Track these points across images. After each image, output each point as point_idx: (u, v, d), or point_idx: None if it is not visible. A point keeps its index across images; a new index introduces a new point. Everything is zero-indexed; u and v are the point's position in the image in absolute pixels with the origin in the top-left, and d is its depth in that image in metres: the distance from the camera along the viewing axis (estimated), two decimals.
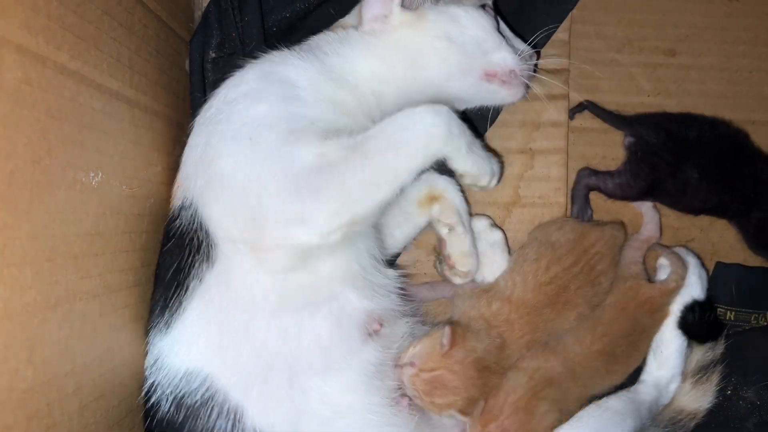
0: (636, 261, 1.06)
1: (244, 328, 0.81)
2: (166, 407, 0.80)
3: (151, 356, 0.83)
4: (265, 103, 0.85)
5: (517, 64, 0.98)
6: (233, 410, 0.79)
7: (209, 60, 1.06)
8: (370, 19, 0.96)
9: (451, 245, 1.02)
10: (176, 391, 0.79)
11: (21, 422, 0.57)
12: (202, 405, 0.79)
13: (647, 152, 1.10)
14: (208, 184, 0.83)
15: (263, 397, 0.80)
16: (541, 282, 0.99)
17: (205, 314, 0.81)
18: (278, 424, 0.80)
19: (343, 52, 0.95)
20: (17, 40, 0.57)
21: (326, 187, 0.78)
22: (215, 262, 0.81)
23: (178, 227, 0.84)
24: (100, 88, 0.73)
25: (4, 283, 0.55)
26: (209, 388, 0.79)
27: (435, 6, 0.96)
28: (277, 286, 0.82)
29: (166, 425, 0.80)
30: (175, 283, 0.82)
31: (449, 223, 1.01)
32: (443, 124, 0.85)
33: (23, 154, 0.58)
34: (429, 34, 0.94)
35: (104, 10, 0.74)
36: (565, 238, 1.03)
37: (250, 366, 0.80)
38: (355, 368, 0.86)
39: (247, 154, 0.81)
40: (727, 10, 1.20)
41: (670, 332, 1.03)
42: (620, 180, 1.12)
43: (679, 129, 1.10)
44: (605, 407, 0.95)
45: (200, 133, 0.88)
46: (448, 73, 0.96)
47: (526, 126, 1.19)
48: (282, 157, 0.80)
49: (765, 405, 1.03)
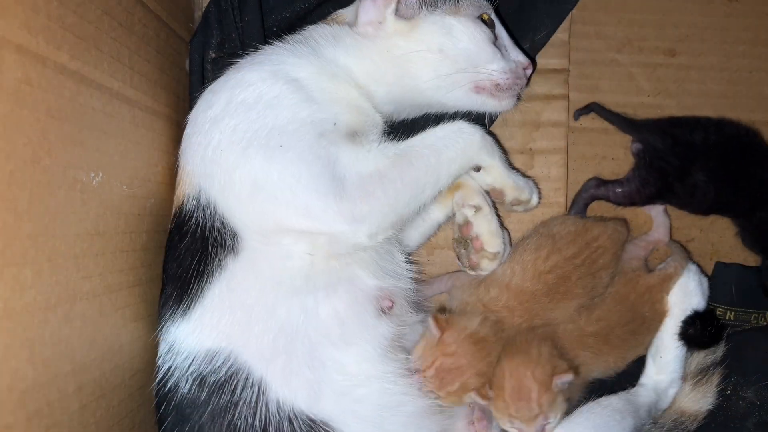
0: (638, 257, 1.07)
1: (268, 308, 0.84)
2: (186, 388, 0.83)
3: (164, 344, 0.86)
4: (285, 110, 0.86)
5: (508, 79, 0.98)
6: (257, 383, 0.82)
7: (209, 60, 1.06)
8: (365, 23, 0.96)
9: (478, 225, 1.02)
10: (198, 371, 0.82)
11: (21, 422, 0.57)
12: (226, 381, 0.82)
13: (655, 158, 1.10)
14: (232, 187, 0.85)
15: (285, 370, 0.83)
16: (540, 271, 0.99)
17: (228, 298, 0.84)
18: (299, 395, 0.83)
19: (336, 49, 0.95)
20: (17, 40, 0.57)
21: (376, 193, 0.85)
22: (240, 252, 0.85)
23: (194, 224, 0.86)
24: (100, 88, 0.73)
25: (4, 283, 0.55)
26: (233, 364, 0.82)
27: (430, 15, 0.96)
28: (303, 272, 0.86)
29: (186, 405, 0.83)
30: (194, 274, 0.85)
31: (475, 204, 1.02)
32: (478, 132, 0.96)
33: (23, 154, 0.58)
34: (421, 45, 0.95)
35: (104, 10, 0.74)
36: (567, 230, 1.04)
37: (274, 342, 0.84)
38: (369, 341, 0.89)
39: (281, 161, 0.84)
40: (727, 10, 1.20)
41: (669, 338, 1.03)
42: (629, 187, 1.12)
43: (684, 133, 1.10)
44: (605, 405, 0.96)
45: (208, 133, 0.87)
46: (437, 83, 0.96)
47: (526, 126, 1.19)
48: (320, 162, 0.84)
49: (764, 405, 1.03)
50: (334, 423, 0.84)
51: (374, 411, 0.87)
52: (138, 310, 0.84)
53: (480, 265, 1.03)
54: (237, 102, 0.87)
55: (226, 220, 0.86)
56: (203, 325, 0.84)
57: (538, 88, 1.19)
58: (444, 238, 1.19)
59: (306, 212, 0.84)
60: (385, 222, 0.87)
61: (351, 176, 0.85)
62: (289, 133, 0.85)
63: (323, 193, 0.83)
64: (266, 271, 0.85)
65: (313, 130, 0.86)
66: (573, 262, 1.00)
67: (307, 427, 0.82)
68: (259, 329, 0.84)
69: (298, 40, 0.96)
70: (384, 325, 0.92)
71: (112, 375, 0.76)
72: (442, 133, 0.94)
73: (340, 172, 0.85)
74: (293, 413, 0.82)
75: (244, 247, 0.85)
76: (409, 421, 0.89)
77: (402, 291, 0.96)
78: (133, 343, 0.83)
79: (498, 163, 1.00)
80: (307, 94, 0.89)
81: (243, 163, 0.84)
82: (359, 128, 0.92)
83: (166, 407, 0.84)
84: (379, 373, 0.89)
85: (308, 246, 0.86)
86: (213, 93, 0.91)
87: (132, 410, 0.82)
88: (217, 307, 0.84)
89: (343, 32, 0.97)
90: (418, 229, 1.09)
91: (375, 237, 0.87)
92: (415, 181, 0.89)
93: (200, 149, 0.88)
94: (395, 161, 0.89)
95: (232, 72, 0.92)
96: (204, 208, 0.86)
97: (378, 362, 0.89)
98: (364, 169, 0.86)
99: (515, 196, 1.03)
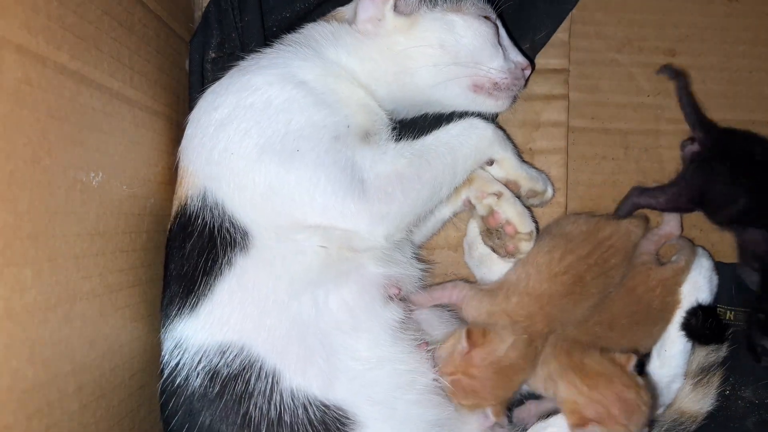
0: (649, 252, 1.06)
1: (280, 302, 0.85)
2: (198, 382, 0.83)
3: (170, 341, 0.86)
4: (298, 114, 0.87)
5: (507, 78, 0.98)
6: (270, 374, 0.83)
7: (209, 60, 1.06)
8: (364, 20, 0.96)
9: (505, 211, 1.02)
10: (210, 365, 0.83)
11: (21, 422, 0.57)
12: (239, 373, 0.83)
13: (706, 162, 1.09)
14: (244, 189, 0.86)
15: (299, 360, 0.85)
16: (555, 272, 0.98)
17: (238, 293, 0.85)
18: (313, 382, 0.84)
19: (337, 49, 0.96)
20: (17, 40, 0.57)
21: (395, 195, 0.87)
22: (251, 249, 0.86)
23: (201, 223, 0.87)
24: (100, 88, 0.73)
25: (4, 283, 0.55)
26: (245, 357, 0.83)
27: (430, 12, 0.96)
28: (315, 266, 0.88)
29: (197, 399, 0.83)
30: (201, 272, 0.85)
31: (495, 191, 1.02)
32: (490, 127, 0.98)
33: (23, 154, 0.58)
34: (421, 41, 0.95)
35: (104, 10, 0.74)
36: (579, 230, 1.03)
37: (286, 334, 0.85)
38: (380, 326, 0.91)
39: (299, 166, 0.85)
40: (727, 10, 1.20)
41: (675, 332, 1.03)
42: (673, 190, 1.11)
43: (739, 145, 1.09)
44: None
45: (214, 136, 0.87)
46: (435, 80, 0.96)
47: (526, 126, 1.19)
48: (338, 165, 0.85)
49: (763, 404, 1.03)
50: (348, 407, 0.85)
51: (387, 392, 0.88)
52: (138, 310, 0.84)
53: (519, 248, 1.02)
54: (245, 106, 0.87)
55: (236, 220, 0.86)
56: (213, 320, 0.85)
57: (538, 88, 1.19)
58: (444, 238, 1.19)
59: (324, 215, 0.85)
60: (402, 223, 0.89)
61: (369, 178, 0.87)
62: (304, 138, 0.86)
63: (341, 196, 0.85)
64: (279, 266, 0.86)
65: (328, 134, 0.87)
66: (586, 261, 0.99)
67: (321, 413, 0.83)
68: (271, 322, 0.85)
69: (299, 41, 0.96)
70: (392, 311, 0.93)
71: (112, 375, 0.76)
72: (456, 131, 0.96)
73: (358, 174, 0.86)
74: (308, 400, 0.83)
75: (255, 245, 0.86)
76: (421, 399, 0.90)
77: (409, 278, 0.97)
78: (133, 343, 0.83)
79: (511, 155, 1.02)
80: (318, 97, 0.89)
81: (257, 168, 0.85)
82: (371, 128, 0.94)
83: (175, 404, 0.85)
84: (390, 355, 0.90)
85: (322, 239, 0.87)
86: (217, 95, 0.90)
87: (132, 410, 0.82)
88: (227, 302, 0.85)
89: (342, 30, 0.97)
90: (426, 225, 1.10)
91: (391, 238, 0.89)
92: (433, 180, 0.91)
93: (205, 151, 0.88)
94: (412, 161, 0.90)
95: (235, 75, 0.92)
96: (211, 209, 0.87)
97: (389, 345, 0.90)
98: (383, 171, 0.88)
99: (530, 187, 1.04)
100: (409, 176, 0.89)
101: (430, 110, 1.05)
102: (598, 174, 1.20)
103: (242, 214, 0.86)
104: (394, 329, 0.92)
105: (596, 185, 1.21)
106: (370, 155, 0.89)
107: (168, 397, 0.85)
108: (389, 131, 0.97)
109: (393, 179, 0.88)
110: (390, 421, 0.87)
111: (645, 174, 1.20)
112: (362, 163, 0.87)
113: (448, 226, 1.16)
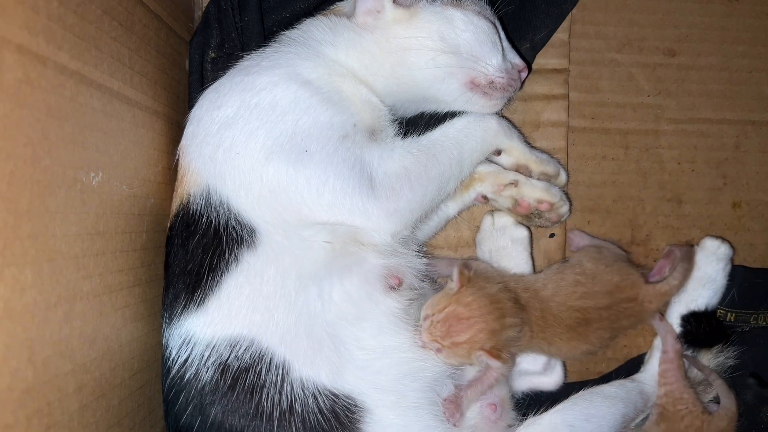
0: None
1: (288, 296, 0.87)
2: (208, 377, 0.84)
3: (177, 338, 0.87)
4: (304, 113, 0.87)
5: (503, 78, 0.98)
6: (280, 365, 0.85)
7: (209, 60, 1.06)
8: (363, 12, 0.96)
9: (530, 194, 1.05)
10: (220, 359, 0.84)
11: (21, 422, 0.57)
12: (250, 365, 0.84)
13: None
14: (250, 188, 0.86)
15: (307, 351, 0.86)
16: (569, 305, 0.98)
17: (246, 289, 0.86)
18: (322, 372, 0.86)
19: (336, 44, 0.96)
20: (17, 40, 0.57)
21: (404, 191, 0.89)
22: (258, 246, 0.87)
23: (205, 222, 0.87)
24: (100, 88, 0.73)
25: (4, 283, 0.55)
26: (255, 349, 0.85)
27: (431, 5, 0.96)
28: (322, 260, 0.89)
29: (208, 393, 0.84)
30: (207, 269, 0.86)
31: (510, 181, 1.04)
32: (493, 118, 1.01)
33: (23, 154, 0.58)
34: (421, 33, 0.95)
35: (104, 10, 0.74)
36: (609, 279, 1.00)
37: (295, 326, 0.86)
38: (384, 315, 0.92)
39: (308, 166, 0.86)
40: (727, 10, 1.20)
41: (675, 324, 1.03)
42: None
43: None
44: (597, 392, 0.97)
45: (218, 135, 0.87)
46: (433, 74, 0.96)
47: (526, 126, 1.19)
48: (347, 164, 0.87)
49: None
50: (356, 395, 0.86)
51: (393, 380, 0.89)
52: (138, 310, 0.84)
53: (560, 213, 1.07)
54: (250, 106, 0.87)
55: (242, 218, 0.87)
56: (222, 315, 0.85)
57: (538, 88, 1.19)
58: (444, 238, 1.19)
59: (332, 212, 0.86)
60: (411, 218, 0.91)
61: (378, 176, 0.88)
62: (313, 138, 0.86)
63: (350, 194, 0.86)
64: (286, 262, 0.87)
65: (336, 133, 0.87)
66: (600, 312, 0.99)
67: (330, 401, 0.85)
68: (279, 315, 0.86)
69: (298, 39, 0.96)
70: (394, 300, 0.93)
71: (112, 375, 0.76)
72: (461, 124, 0.98)
73: (366, 172, 0.88)
74: (317, 390, 0.85)
75: (263, 242, 0.87)
76: (427, 386, 0.91)
77: (409, 269, 0.97)
78: (133, 343, 0.83)
79: (516, 143, 1.04)
80: (323, 96, 0.89)
81: (264, 168, 0.86)
82: (376, 126, 0.95)
83: (185, 399, 0.85)
84: (396, 344, 0.91)
85: (328, 235, 0.89)
86: (220, 94, 0.90)
87: (132, 410, 0.82)
88: (235, 298, 0.86)
89: (341, 25, 0.97)
90: (429, 224, 1.10)
91: (398, 235, 0.91)
92: (440, 175, 0.93)
93: (208, 150, 0.88)
94: (419, 157, 0.92)
95: (238, 74, 0.92)
96: (216, 207, 0.87)
97: (394, 334, 0.91)
98: (391, 168, 0.89)
99: (541, 170, 1.06)
100: (417, 172, 0.90)
101: (426, 107, 1.05)
102: (598, 174, 1.21)
103: (249, 212, 0.87)
104: (398, 318, 0.93)
105: (596, 185, 1.21)
106: (378, 153, 0.90)
107: (177, 393, 0.86)
108: (394, 128, 0.97)
109: (401, 176, 0.89)
110: (398, 409, 0.88)
111: (645, 174, 1.20)
112: (370, 161, 0.89)
113: (448, 227, 1.16)
